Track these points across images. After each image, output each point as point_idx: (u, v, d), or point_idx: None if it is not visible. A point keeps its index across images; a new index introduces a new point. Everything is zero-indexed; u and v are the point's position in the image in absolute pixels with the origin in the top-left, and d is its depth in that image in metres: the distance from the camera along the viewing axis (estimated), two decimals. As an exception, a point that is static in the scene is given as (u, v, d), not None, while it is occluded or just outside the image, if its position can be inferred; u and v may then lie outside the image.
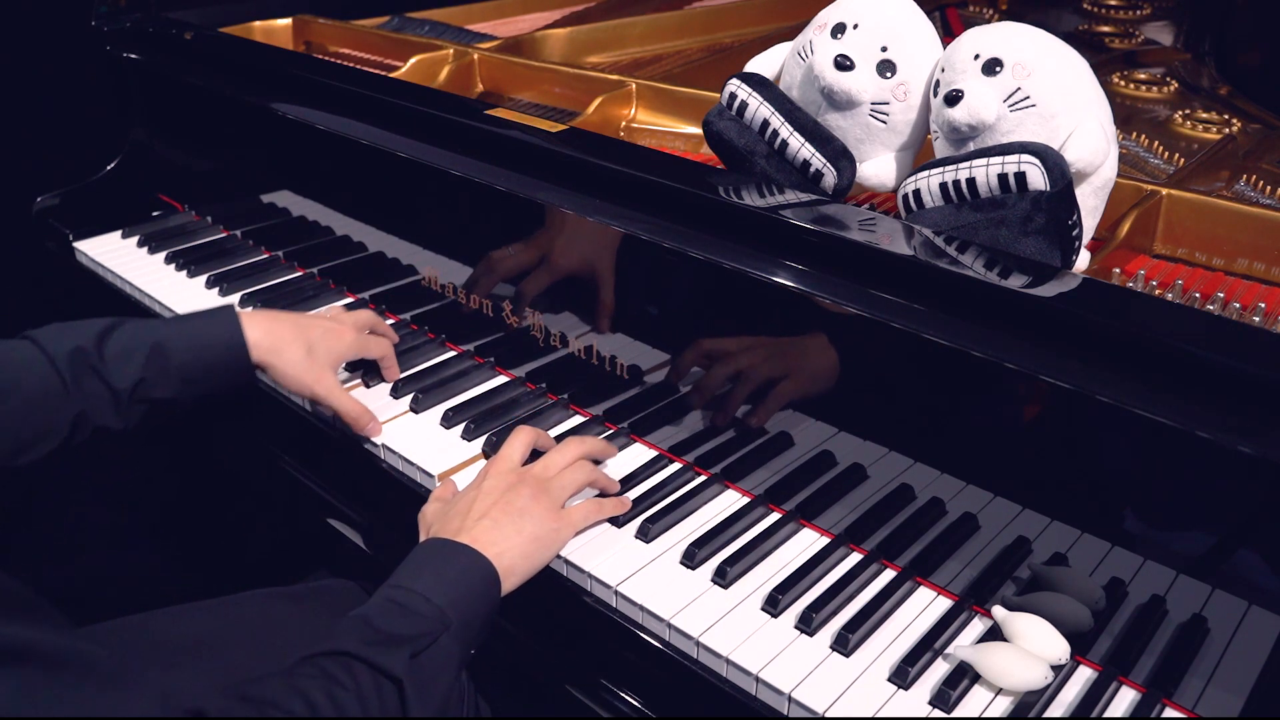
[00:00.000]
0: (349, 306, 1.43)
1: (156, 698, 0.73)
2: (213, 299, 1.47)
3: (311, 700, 0.77)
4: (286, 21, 1.86)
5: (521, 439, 1.06)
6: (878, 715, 0.83)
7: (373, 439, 1.16)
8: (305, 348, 1.14)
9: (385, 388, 1.25)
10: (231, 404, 1.28)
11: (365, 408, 1.16)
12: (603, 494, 1.05)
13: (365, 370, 1.26)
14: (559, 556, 0.98)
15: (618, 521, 1.03)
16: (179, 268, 1.55)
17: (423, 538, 0.98)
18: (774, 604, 0.92)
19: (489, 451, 1.13)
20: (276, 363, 1.13)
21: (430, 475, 1.11)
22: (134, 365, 1.05)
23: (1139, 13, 1.92)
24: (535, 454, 1.07)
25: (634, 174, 1.10)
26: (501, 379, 1.27)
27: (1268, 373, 0.76)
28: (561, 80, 1.51)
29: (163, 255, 1.58)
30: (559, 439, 1.10)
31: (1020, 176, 0.92)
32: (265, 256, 1.59)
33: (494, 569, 0.91)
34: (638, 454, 1.14)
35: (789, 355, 1.02)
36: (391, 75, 1.51)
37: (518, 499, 0.97)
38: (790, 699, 0.84)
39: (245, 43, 1.72)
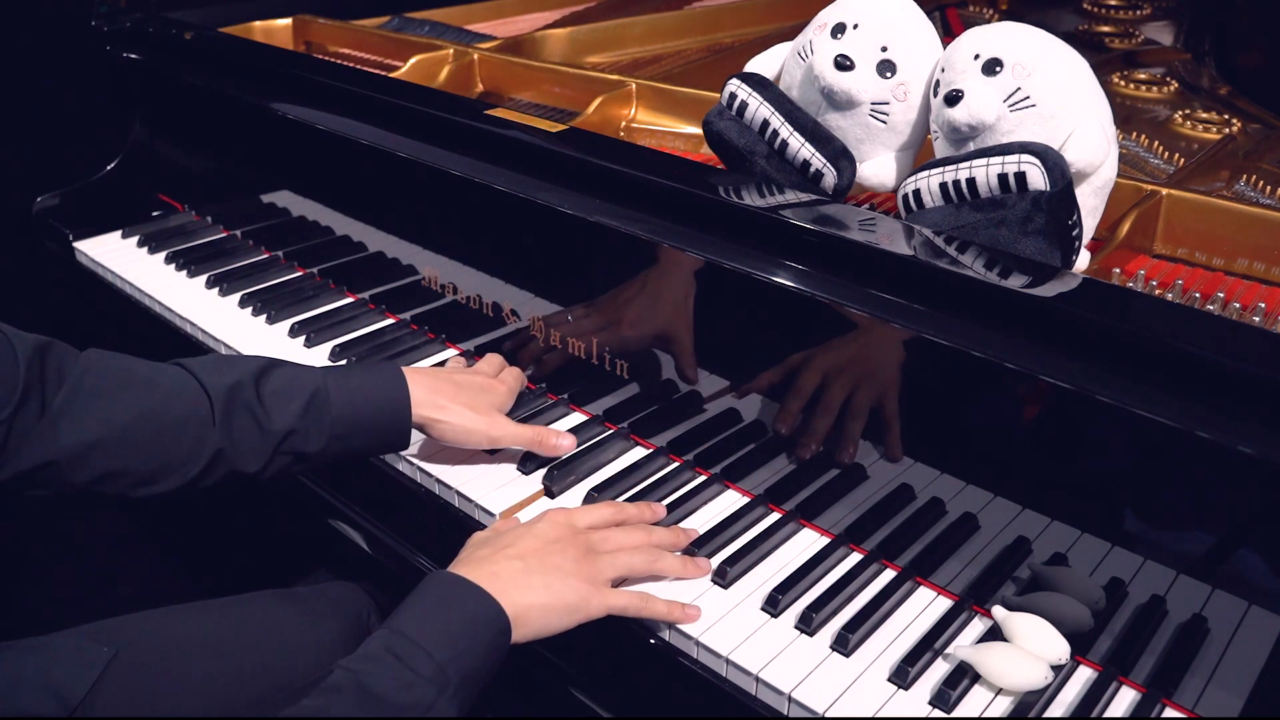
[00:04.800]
0: (349, 307, 1.43)
1: None
2: (213, 299, 1.47)
3: None
4: (286, 21, 1.86)
5: (602, 512, 0.99)
6: (878, 715, 0.83)
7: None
8: (468, 403, 1.08)
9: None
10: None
11: (545, 429, 1.12)
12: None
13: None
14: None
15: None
16: (179, 268, 1.55)
17: (460, 555, 0.93)
18: (774, 604, 0.92)
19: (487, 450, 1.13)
20: (443, 418, 1.06)
21: (429, 475, 1.11)
22: (291, 410, 0.99)
23: (1139, 13, 1.92)
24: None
25: (634, 174, 1.11)
26: (501, 379, 1.27)
27: (1268, 373, 0.76)
28: (561, 80, 1.51)
29: (163, 255, 1.58)
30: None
31: (1020, 176, 0.92)
32: (265, 256, 1.59)
33: (505, 619, 0.84)
34: (637, 454, 1.14)
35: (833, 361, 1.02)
36: (391, 75, 1.52)
37: (559, 556, 0.90)
38: (790, 699, 0.84)
39: (245, 43, 1.72)
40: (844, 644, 0.88)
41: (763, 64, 1.16)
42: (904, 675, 0.85)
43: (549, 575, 0.88)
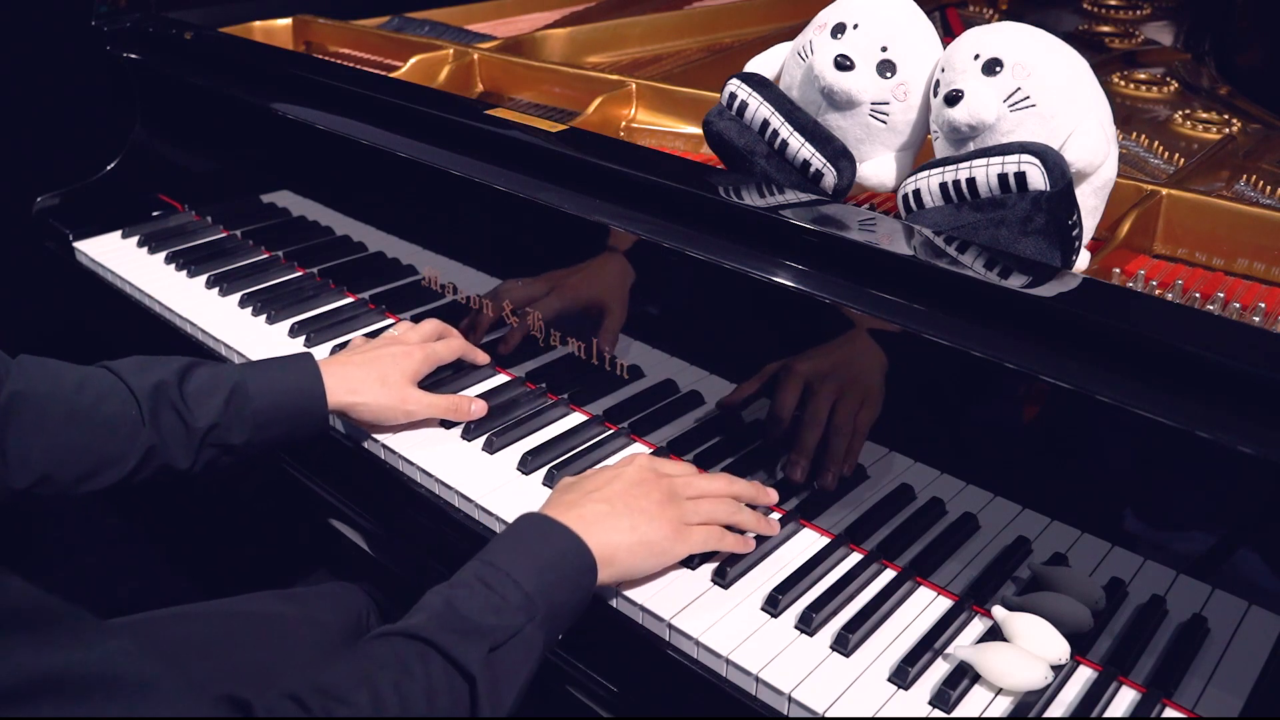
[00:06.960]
0: (349, 307, 1.43)
1: (184, 696, 0.71)
2: (213, 299, 1.47)
3: (378, 692, 0.74)
4: (286, 21, 1.86)
5: (681, 466, 1.03)
6: (878, 715, 0.83)
7: (375, 437, 1.16)
8: (379, 380, 1.13)
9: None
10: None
11: (457, 396, 1.18)
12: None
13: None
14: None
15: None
16: (179, 268, 1.55)
17: (548, 499, 0.96)
18: (774, 604, 0.92)
19: (486, 449, 1.13)
20: (356, 402, 1.12)
21: (430, 474, 1.11)
22: (213, 406, 1.04)
23: (1139, 13, 1.92)
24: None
25: (634, 174, 1.11)
26: (501, 378, 1.27)
27: (1268, 373, 0.76)
28: (561, 80, 1.51)
29: (163, 255, 1.58)
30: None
31: (1020, 176, 0.92)
32: (265, 256, 1.59)
33: (592, 557, 0.87)
34: (636, 453, 1.14)
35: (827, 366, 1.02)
36: (391, 75, 1.52)
37: (644, 499, 0.94)
38: (790, 699, 0.84)
39: (245, 43, 1.72)
40: (844, 644, 0.88)
41: (763, 64, 1.16)
42: (904, 675, 0.85)
43: (635, 517, 0.92)
